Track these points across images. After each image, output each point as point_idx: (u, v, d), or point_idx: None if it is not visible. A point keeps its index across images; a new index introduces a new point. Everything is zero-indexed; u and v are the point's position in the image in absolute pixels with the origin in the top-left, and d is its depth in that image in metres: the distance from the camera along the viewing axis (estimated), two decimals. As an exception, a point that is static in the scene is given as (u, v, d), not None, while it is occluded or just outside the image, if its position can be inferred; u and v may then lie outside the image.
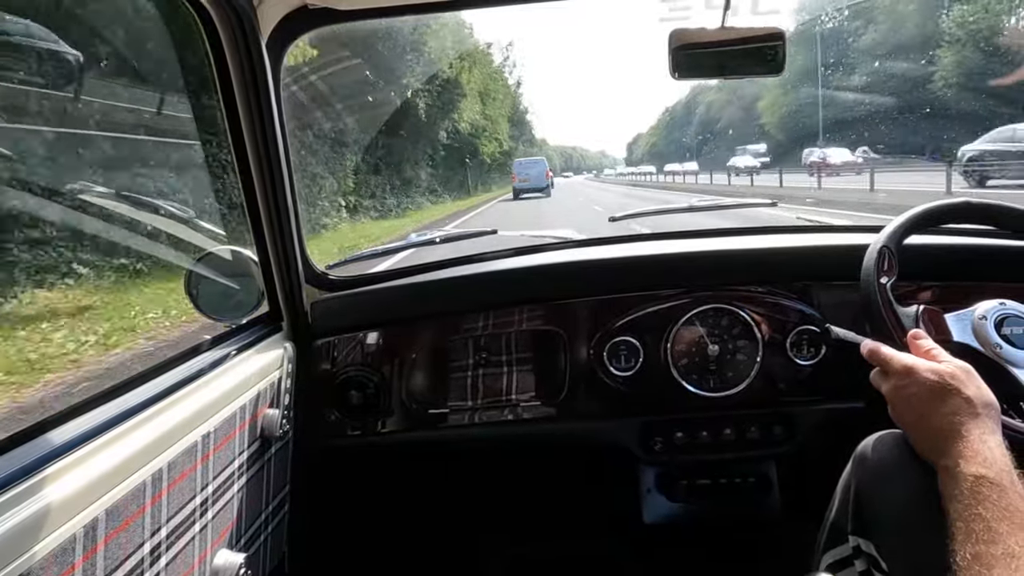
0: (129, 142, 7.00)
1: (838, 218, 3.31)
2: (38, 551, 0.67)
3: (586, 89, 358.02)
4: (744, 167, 30.85)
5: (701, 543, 1.60)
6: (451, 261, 1.58)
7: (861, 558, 0.91)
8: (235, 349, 1.16)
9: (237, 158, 1.19)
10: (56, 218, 5.48)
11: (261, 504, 1.19)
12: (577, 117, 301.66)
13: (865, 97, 32.90)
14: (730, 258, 1.46)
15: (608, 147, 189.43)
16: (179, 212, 1.52)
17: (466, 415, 1.44)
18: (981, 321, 1.01)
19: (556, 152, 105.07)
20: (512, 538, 1.72)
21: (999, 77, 25.01)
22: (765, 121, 46.11)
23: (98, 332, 4.82)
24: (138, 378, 0.97)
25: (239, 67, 1.13)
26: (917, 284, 1.31)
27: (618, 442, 1.46)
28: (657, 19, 1.31)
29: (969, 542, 0.65)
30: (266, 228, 1.25)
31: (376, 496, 1.62)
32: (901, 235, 1.10)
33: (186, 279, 1.27)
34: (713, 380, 1.38)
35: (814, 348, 1.37)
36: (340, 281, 1.45)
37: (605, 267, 1.49)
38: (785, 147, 39.50)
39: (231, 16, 1.08)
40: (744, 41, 1.18)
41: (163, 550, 0.87)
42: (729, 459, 1.48)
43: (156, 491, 0.86)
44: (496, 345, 1.44)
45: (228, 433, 1.04)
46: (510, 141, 39.57)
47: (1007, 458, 0.72)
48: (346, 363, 1.40)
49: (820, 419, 1.43)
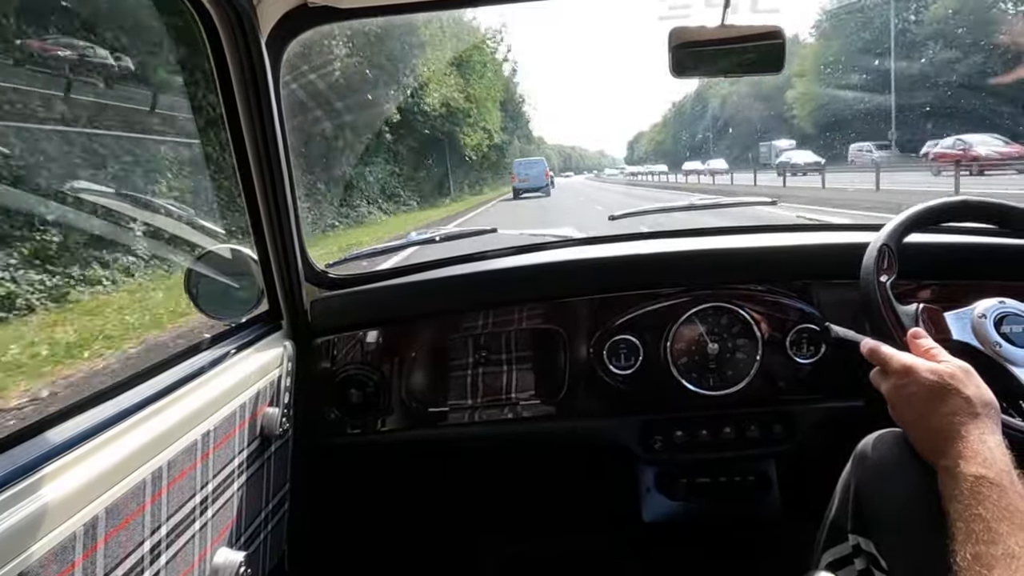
0: (127, 140, 7.00)
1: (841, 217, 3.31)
2: (38, 549, 0.67)
3: (584, 88, 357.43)
4: (803, 164, 24.73)
5: (701, 542, 1.60)
6: (451, 260, 1.58)
7: (861, 556, 0.91)
8: (235, 347, 1.16)
9: (237, 156, 1.19)
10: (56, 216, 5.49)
11: (261, 502, 1.19)
12: (575, 116, 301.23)
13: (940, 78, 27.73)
14: (730, 257, 1.46)
15: (607, 146, 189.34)
16: (178, 211, 1.52)
17: (466, 414, 1.44)
18: (981, 319, 1.01)
19: (554, 151, 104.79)
20: (511, 536, 1.72)
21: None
22: (796, 114, 41.31)
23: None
24: (138, 376, 0.97)
25: (239, 65, 1.13)
26: (917, 282, 1.31)
27: (618, 441, 1.46)
28: (656, 17, 1.31)
29: (969, 542, 0.65)
30: (266, 226, 1.24)
31: (376, 494, 1.62)
32: (901, 233, 1.10)
33: (186, 277, 1.27)
34: (713, 379, 1.38)
35: (814, 347, 1.37)
36: (340, 280, 1.45)
37: (605, 266, 1.49)
38: (819, 141, 35.34)
39: (231, 14, 1.08)
40: (744, 39, 1.18)
41: (163, 548, 0.87)
42: (729, 458, 1.48)
43: (156, 489, 0.86)
44: (496, 344, 1.44)
45: (228, 431, 1.05)
46: (503, 133, 33.11)
47: (1007, 458, 0.72)
48: (346, 361, 1.40)
49: (820, 418, 1.43)
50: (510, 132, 37.55)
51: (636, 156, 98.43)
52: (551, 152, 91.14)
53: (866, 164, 22.52)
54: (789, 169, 23.15)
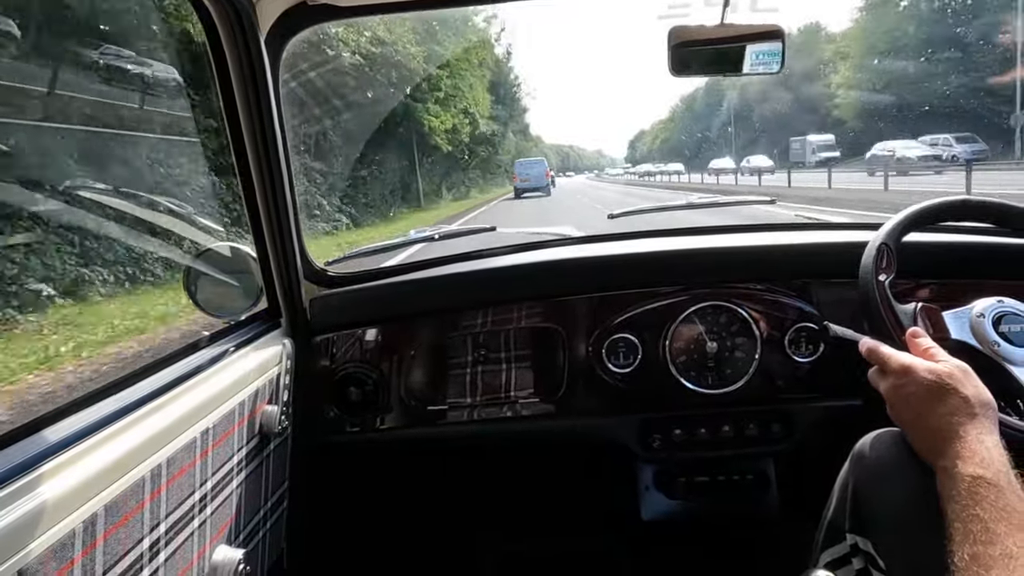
0: (127, 138, 6.99)
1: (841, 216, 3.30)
2: (37, 546, 0.67)
3: (581, 86, 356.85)
4: (917, 157, 19.77)
5: (699, 540, 1.61)
6: (450, 258, 1.58)
7: (859, 556, 0.91)
8: (234, 345, 1.16)
9: (236, 154, 1.19)
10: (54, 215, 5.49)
11: (260, 500, 1.19)
12: (573, 115, 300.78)
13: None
14: (729, 255, 1.46)
15: (605, 145, 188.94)
16: (177, 208, 1.52)
17: (465, 412, 1.44)
18: (979, 319, 1.01)
19: (552, 151, 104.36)
20: (510, 534, 1.72)
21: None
22: (839, 102, 35.70)
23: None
24: (137, 374, 0.97)
25: (238, 63, 1.13)
26: (915, 282, 1.31)
27: (616, 439, 1.46)
28: (655, 16, 1.31)
29: (967, 543, 0.66)
30: (265, 224, 1.24)
31: (375, 492, 1.62)
32: (900, 232, 1.10)
33: (185, 275, 1.27)
34: (711, 377, 1.38)
35: (812, 346, 1.37)
36: (339, 277, 1.45)
37: (604, 264, 1.49)
38: (860, 136, 30.04)
39: (230, 12, 1.08)
40: (743, 39, 1.19)
41: (162, 545, 0.87)
42: (727, 456, 1.48)
43: (155, 487, 0.86)
44: (495, 342, 1.44)
45: (227, 429, 1.05)
46: (493, 123, 25.05)
47: (1004, 458, 0.72)
48: (345, 359, 1.40)
49: (818, 417, 1.43)
50: (502, 122, 28.87)
51: (638, 155, 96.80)
52: (549, 151, 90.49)
53: (945, 163, 18.31)
54: (889, 165, 17.69)
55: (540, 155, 34.36)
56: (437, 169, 19.14)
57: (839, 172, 17.96)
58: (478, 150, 23.82)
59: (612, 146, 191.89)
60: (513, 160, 29.13)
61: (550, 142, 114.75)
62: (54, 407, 0.83)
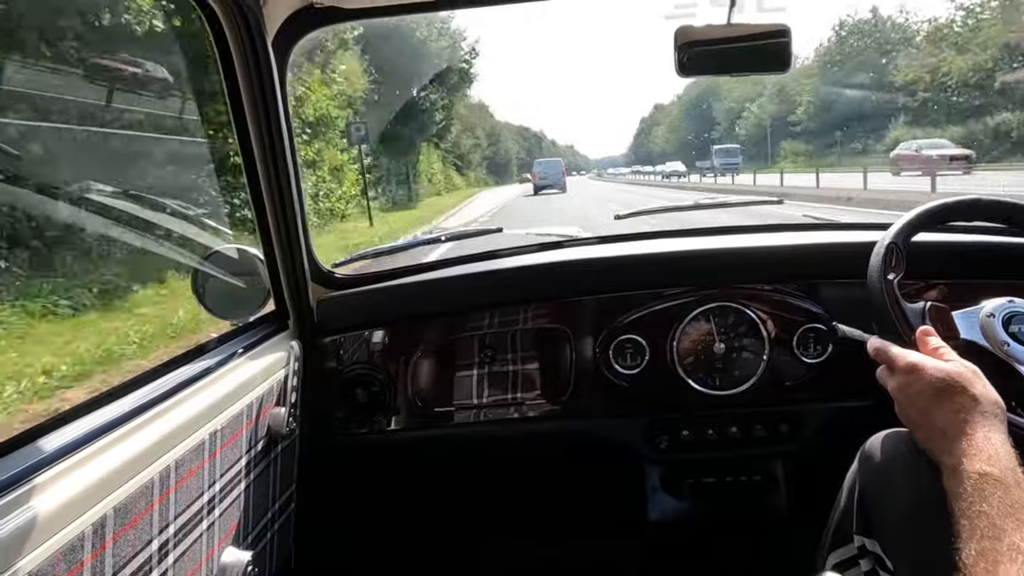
0: (132, 140, 7.03)
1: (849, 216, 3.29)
2: (47, 548, 0.67)
3: (579, 85, 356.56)
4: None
5: (706, 541, 1.60)
6: (456, 259, 1.58)
7: (867, 557, 0.91)
8: (242, 347, 1.16)
9: (243, 157, 1.20)
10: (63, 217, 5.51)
11: (268, 502, 1.19)
12: (570, 115, 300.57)
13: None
14: (736, 256, 1.46)
15: (604, 146, 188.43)
16: (185, 211, 1.53)
17: (472, 413, 1.44)
18: (989, 319, 1.01)
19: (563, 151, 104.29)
20: (517, 536, 1.72)
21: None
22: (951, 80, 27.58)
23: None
24: (145, 376, 0.98)
25: (245, 66, 1.13)
26: (925, 282, 1.30)
27: (623, 440, 1.46)
28: (662, 16, 1.31)
29: (974, 539, 0.65)
30: (272, 226, 1.25)
31: (381, 494, 1.62)
32: (909, 232, 1.09)
33: (193, 277, 1.28)
34: (719, 378, 1.38)
35: (821, 346, 1.37)
36: (346, 279, 1.46)
37: (611, 265, 1.49)
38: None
39: (237, 15, 1.09)
40: (750, 38, 1.18)
41: (171, 547, 0.88)
42: (735, 457, 1.47)
43: (164, 489, 0.86)
44: (502, 343, 1.44)
45: (235, 431, 1.05)
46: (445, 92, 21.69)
47: (1012, 456, 0.72)
48: (352, 361, 1.40)
49: (827, 417, 1.43)
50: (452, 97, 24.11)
51: (640, 155, 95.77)
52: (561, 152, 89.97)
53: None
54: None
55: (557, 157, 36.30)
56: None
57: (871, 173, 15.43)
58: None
59: (612, 145, 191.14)
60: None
61: (561, 144, 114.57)
62: (61, 412, 0.83)
